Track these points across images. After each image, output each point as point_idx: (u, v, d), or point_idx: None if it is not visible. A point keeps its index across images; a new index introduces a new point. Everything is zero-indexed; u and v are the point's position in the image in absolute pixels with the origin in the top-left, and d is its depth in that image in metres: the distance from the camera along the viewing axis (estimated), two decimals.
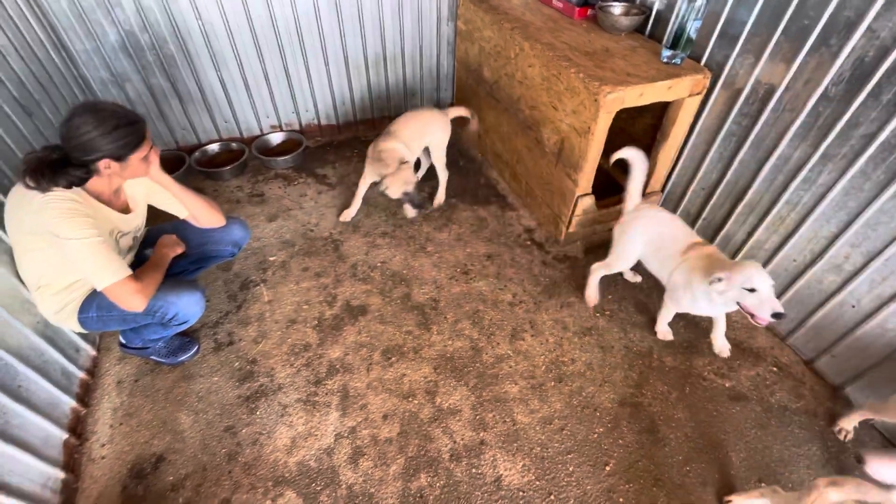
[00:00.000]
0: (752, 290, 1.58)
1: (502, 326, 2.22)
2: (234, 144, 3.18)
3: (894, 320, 1.74)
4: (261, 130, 3.28)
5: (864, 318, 1.81)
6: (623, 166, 2.19)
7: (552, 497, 1.67)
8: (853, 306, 1.85)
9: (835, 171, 1.80)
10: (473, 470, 1.73)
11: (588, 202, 2.42)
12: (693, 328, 2.24)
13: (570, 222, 2.50)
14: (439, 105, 3.66)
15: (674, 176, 2.55)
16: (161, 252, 1.77)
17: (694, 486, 1.71)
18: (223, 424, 1.84)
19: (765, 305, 1.56)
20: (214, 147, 3.16)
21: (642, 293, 2.41)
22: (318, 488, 1.67)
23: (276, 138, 3.30)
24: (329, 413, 1.88)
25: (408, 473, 1.72)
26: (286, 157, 3.09)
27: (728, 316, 2.13)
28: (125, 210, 1.66)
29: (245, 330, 2.17)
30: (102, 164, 1.40)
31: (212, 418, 1.86)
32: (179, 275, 2.03)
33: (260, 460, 1.74)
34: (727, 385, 2.02)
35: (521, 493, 1.67)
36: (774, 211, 2.05)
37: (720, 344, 2.12)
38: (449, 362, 2.07)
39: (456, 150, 3.38)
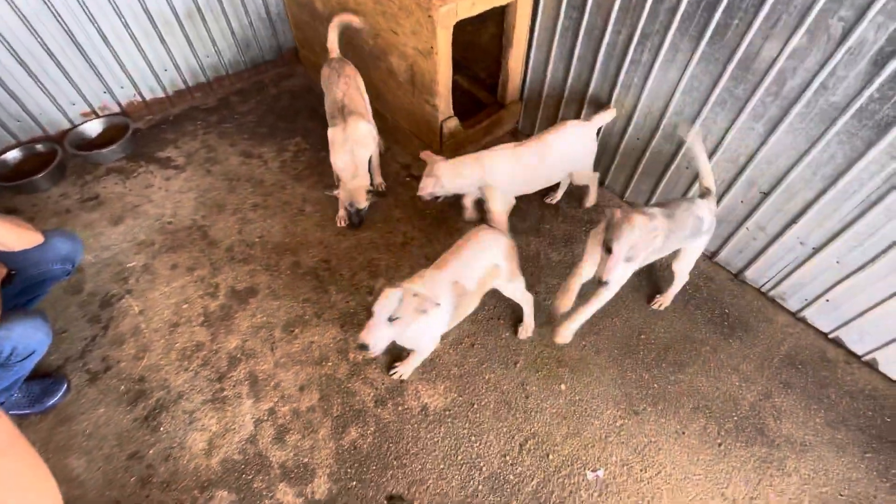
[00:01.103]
0: None
1: (399, 268, 2.23)
2: (39, 146, 2.62)
3: (716, 171, 2.02)
4: (70, 122, 2.74)
5: (695, 173, 2.09)
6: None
7: (475, 406, 1.80)
8: (686, 167, 2.12)
9: (652, 49, 1.95)
10: (399, 408, 1.80)
11: (453, 124, 2.41)
12: (570, 221, 2.43)
13: (441, 149, 2.49)
14: (280, 49, 3.31)
15: (527, 83, 2.61)
16: None
17: (590, 355, 1.95)
18: (125, 453, 1.68)
19: None
20: (14, 154, 2.58)
21: (522, 202, 2.53)
22: (249, 477, 1.63)
23: (95, 127, 2.78)
24: (241, 403, 1.80)
25: (337, 432, 1.74)
26: (112, 147, 2.63)
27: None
28: None
29: (121, 350, 1.94)
30: None
31: (109, 451, 1.69)
32: (13, 309, 1.71)
33: (178, 474, 1.64)
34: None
35: (447, 413, 1.78)
36: (614, 96, 2.20)
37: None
38: (354, 317, 2.05)
39: (315, 97, 3.14)
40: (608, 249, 1.46)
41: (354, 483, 1.62)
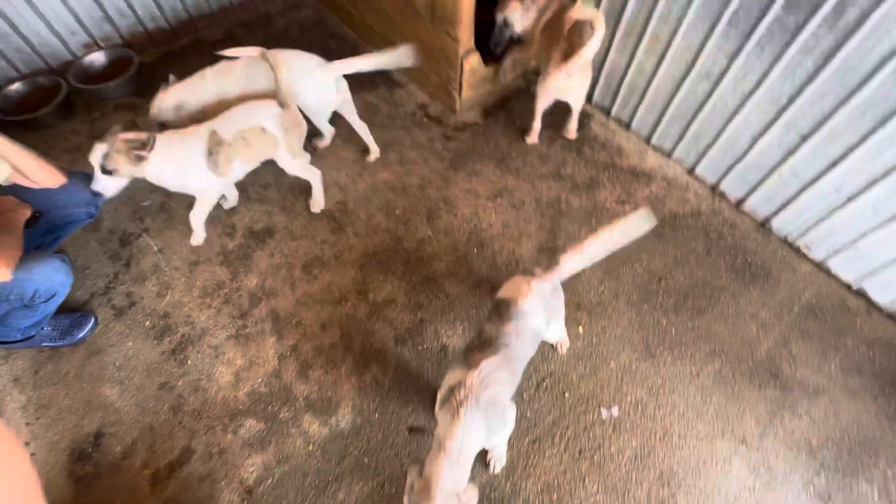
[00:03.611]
0: None
1: (417, 210, 2.19)
2: (42, 79, 2.52)
3: (754, 114, 1.91)
4: (72, 54, 2.61)
5: (731, 115, 1.98)
6: None
7: None
8: (722, 107, 2.00)
9: None
10: (419, 347, 1.83)
11: (474, 60, 2.27)
12: (592, 165, 2.35)
13: (461, 87, 2.37)
14: None
15: None
16: (5, 217, 1.46)
17: (608, 299, 1.95)
18: (155, 383, 1.75)
19: None
20: (18, 87, 2.49)
21: (543, 146, 2.44)
22: (275, 408, 1.70)
23: (99, 59, 2.65)
24: (265, 339, 1.84)
25: (359, 368, 1.78)
26: (118, 79, 2.53)
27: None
28: None
29: (143, 287, 1.96)
30: None
31: (140, 382, 1.75)
32: (36, 250, 1.72)
33: (207, 403, 1.71)
34: (627, 209, 2.21)
35: None
36: (650, 30, 2.05)
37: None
38: (373, 259, 2.05)
39: (325, 31, 2.96)
40: None
41: (377, 415, 1.69)
